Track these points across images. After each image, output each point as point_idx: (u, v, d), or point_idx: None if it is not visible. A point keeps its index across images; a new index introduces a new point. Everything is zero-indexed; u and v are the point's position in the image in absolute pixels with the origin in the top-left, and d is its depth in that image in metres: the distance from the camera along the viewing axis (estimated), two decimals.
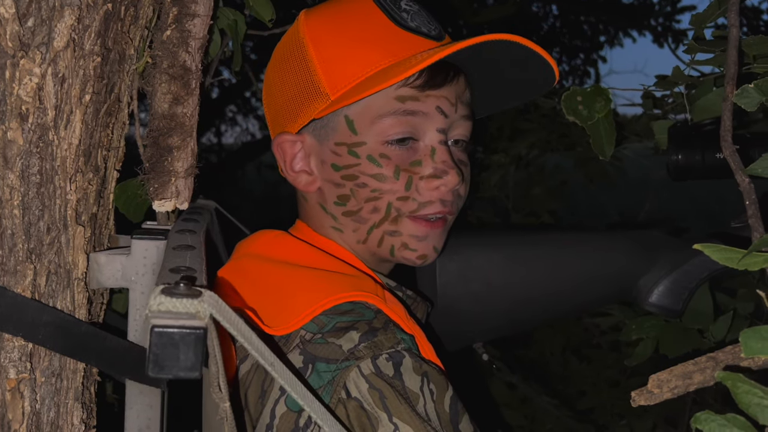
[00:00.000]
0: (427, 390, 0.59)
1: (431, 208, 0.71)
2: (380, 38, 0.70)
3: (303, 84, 0.71)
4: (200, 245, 0.64)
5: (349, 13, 0.72)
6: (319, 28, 0.72)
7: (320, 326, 0.62)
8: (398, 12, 0.71)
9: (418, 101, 0.69)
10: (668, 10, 4.04)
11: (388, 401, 0.57)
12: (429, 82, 0.69)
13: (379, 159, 0.70)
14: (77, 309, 0.67)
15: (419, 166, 0.71)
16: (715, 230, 0.89)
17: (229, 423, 0.50)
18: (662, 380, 0.55)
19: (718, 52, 0.88)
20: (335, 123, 0.71)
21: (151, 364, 0.44)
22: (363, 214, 0.71)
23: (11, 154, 0.59)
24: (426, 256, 0.73)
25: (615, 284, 0.88)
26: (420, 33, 0.71)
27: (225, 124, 5.46)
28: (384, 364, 0.59)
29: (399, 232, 0.72)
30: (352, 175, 0.71)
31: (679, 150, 0.86)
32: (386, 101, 0.69)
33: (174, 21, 0.73)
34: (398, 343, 0.61)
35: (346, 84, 0.69)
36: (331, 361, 0.60)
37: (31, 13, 0.59)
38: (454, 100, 0.72)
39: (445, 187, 0.71)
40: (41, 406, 0.63)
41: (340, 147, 0.71)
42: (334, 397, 0.59)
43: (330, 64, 0.70)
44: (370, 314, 0.63)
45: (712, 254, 0.51)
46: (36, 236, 0.62)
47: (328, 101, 0.70)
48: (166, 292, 0.44)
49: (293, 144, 0.74)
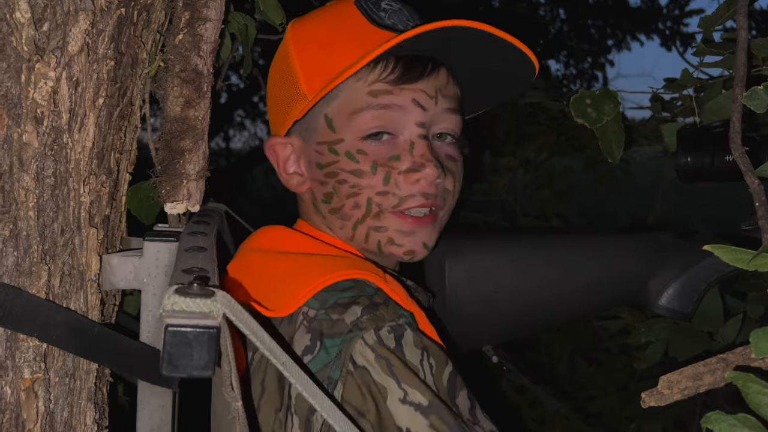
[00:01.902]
0: (427, 364, 0.60)
1: (412, 202, 0.71)
2: (354, 37, 0.71)
3: (288, 88, 0.73)
4: (212, 247, 0.64)
5: (330, 17, 0.74)
6: (301, 34, 0.74)
7: (322, 302, 0.63)
8: (377, 12, 0.72)
9: (392, 95, 0.70)
10: (676, 14, 4.04)
11: (395, 368, 0.58)
12: (403, 76, 0.69)
13: (357, 155, 0.70)
14: (90, 310, 0.68)
15: (397, 160, 0.70)
16: (725, 232, 0.88)
17: (241, 422, 0.50)
18: (672, 381, 0.55)
19: (727, 55, 0.88)
20: (316, 123, 0.73)
21: (165, 363, 0.44)
22: (345, 210, 0.72)
23: (26, 156, 0.60)
24: (414, 252, 0.72)
25: (624, 287, 0.88)
26: (395, 30, 0.71)
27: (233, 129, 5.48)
28: (386, 336, 0.60)
29: (384, 227, 0.72)
30: (333, 173, 0.71)
31: (688, 153, 0.86)
32: (360, 97, 0.70)
33: (186, 25, 0.73)
34: (399, 317, 0.61)
35: (320, 83, 0.70)
36: (336, 335, 0.60)
37: (46, 18, 0.60)
38: (434, 93, 0.71)
39: (425, 180, 0.70)
40: (55, 406, 0.63)
41: (322, 146, 0.72)
42: (343, 369, 0.59)
43: (308, 66, 0.72)
44: (371, 291, 0.64)
45: (722, 255, 0.51)
46: (50, 238, 0.62)
47: (306, 101, 0.71)
48: (179, 291, 0.45)
49: (284, 146, 0.76)
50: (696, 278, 0.85)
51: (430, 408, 0.56)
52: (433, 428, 0.56)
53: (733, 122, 0.63)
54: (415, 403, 0.57)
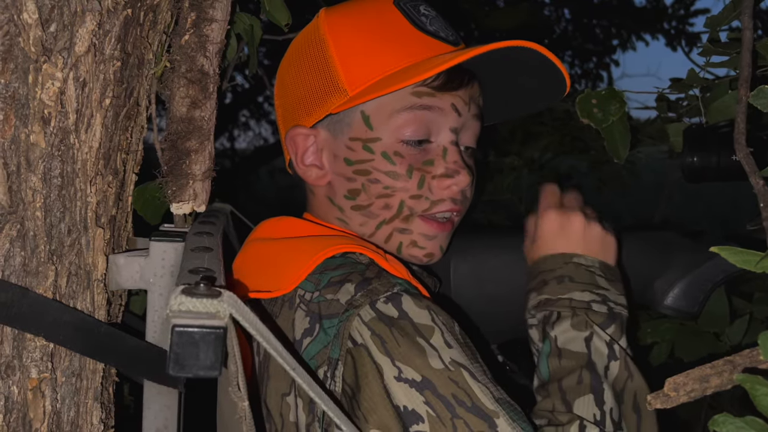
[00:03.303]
0: (439, 321, 0.61)
1: (443, 206, 0.73)
2: (400, 39, 0.71)
3: (321, 79, 0.73)
4: (218, 247, 0.64)
5: (370, 14, 0.74)
6: (339, 26, 0.73)
7: (316, 284, 0.64)
8: (417, 16, 0.73)
9: (435, 97, 0.71)
10: (681, 14, 4.02)
11: (388, 345, 0.58)
12: (446, 84, 0.71)
13: (393, 156, 0.71)
14: (97, 310, 0.68)
15: (431, 165, 0.72)
16: (731, 232, 0.88)
17: (248, 422, 0.50)
18: (679, 383, 0.55)
19: (733, 55, 0.87)
20: (351, 118, 0.72)
21: (171, 363, 0.44)
22: (373, 209, 0.72)
23: (34, 157, 0.60)
24: (433, 255, 0.74)
25: (630, 286, 0.88)
26: (438, 37, 0.72)
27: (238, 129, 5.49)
28: (384, 307, 0.60)
29: (409, 230, 0.73)
30: (365, 170, 0.72)
31: (694, 152, 0.86)
32: (402, 97, 0.71)
33: (192, 26, 0.74)
34: (393, 287, 0.62)
35: (365, 81, 0.70)
36: (333, 316, 0.61)
37: (53, 19, 0.60)
38: (468, 101, 0.73)
39: (456, 186, 0.72)
40: (62, 406, 0.63)
41: (355, 142, 0.72)
42: (343, 349, 0.60)
43: (349, 61, 0.71)
44: (362, 267, 0.64)
45: (729, 257, 0.51)
46: (57, 238, 0.62)
47: (346, 97, 0.71)
48: (186, 292, 0.45)
49: (306, 138, 0.75)
50: (702, 278, 0.85)
51: (423, 383, 0.57)
52: (428, 404, 0.56)
53: (738, 123, 0.63)
54: (409, 379, 0.57)
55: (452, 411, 0.56)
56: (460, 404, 0.56)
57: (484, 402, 0.56)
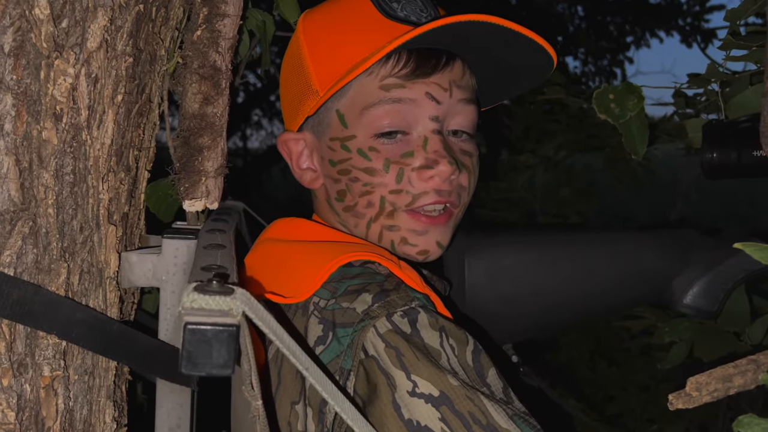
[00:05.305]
0: (448, 345, 0.58)
1: (426, 199, 0.69)
2: (367, 30, 0.69)
3: (299, 82, 0.72)
4: (230, 244, 0.64)
5: (342, 10, 0.72)
6: (312, 28, 0.73)
7: (332, 292, 0.62)
8: (389, 3, 0.70)
9: (405, 88, 0.68)
10: (697, 10, 3.98)
11: (405, 358, 0.56)
12: (416, 71, 0.68)
13: (369, 152, 0.69)
14: (109, 308, 0.68)
15: (410, 157, 0.69)
16: (751, 228, 0.86)
17: (261, 421, 0.50)
18: (701, 383, 0.54)
19: (754, 48, 0.86)
20: (329, 119, 0.71)
21: (184, 362, 0.43)
22: (359, 209, 0.71)
23: (46, 153, 0.60)
24: (427, 252, 0.71)
25: (648, 285, 0.86)
26: (408, 22, 0.69)
27: (250, 128, 5.50)
28: (400, 321, 0.58)
29: (397, 226, 0.70)
30: (346, 170, 0.70)
31: (713, 148, 0.84)
32: (372, 92, 0.68)
33: (204, 21, 0.73)
34: (412, 301, 0.59)
35: (332, 78, 0.69)
36: (347, 325, 0.59)
37: (65, 14, 0.59)
38: (447, 86, 0.69)
39: (438, 177, 0.68)
40: (74, 404, 0.63)
41: (334, 142, 0.71)
42: (355, 359, 0.58)
43: (319, 61, 0.70)
44: (380, 278, 0.62)
45: (753, 253, 0.49)
46: (69, 235, 0.62)
47: (318, 97, 0.70)
48: (199, 289, 0.44)
49: (296, 142, 0.75)
50: (722, 276, 0.83)
51: (440, 399, 0.54)
52: (444, 420, 0.53)
53: (764, 116, 0.61)
54: (426, 394, 0.54)
55: (468, 428, 0.54)
56: (476, 422, 0.54)
57: (498, 420, 0.54)
